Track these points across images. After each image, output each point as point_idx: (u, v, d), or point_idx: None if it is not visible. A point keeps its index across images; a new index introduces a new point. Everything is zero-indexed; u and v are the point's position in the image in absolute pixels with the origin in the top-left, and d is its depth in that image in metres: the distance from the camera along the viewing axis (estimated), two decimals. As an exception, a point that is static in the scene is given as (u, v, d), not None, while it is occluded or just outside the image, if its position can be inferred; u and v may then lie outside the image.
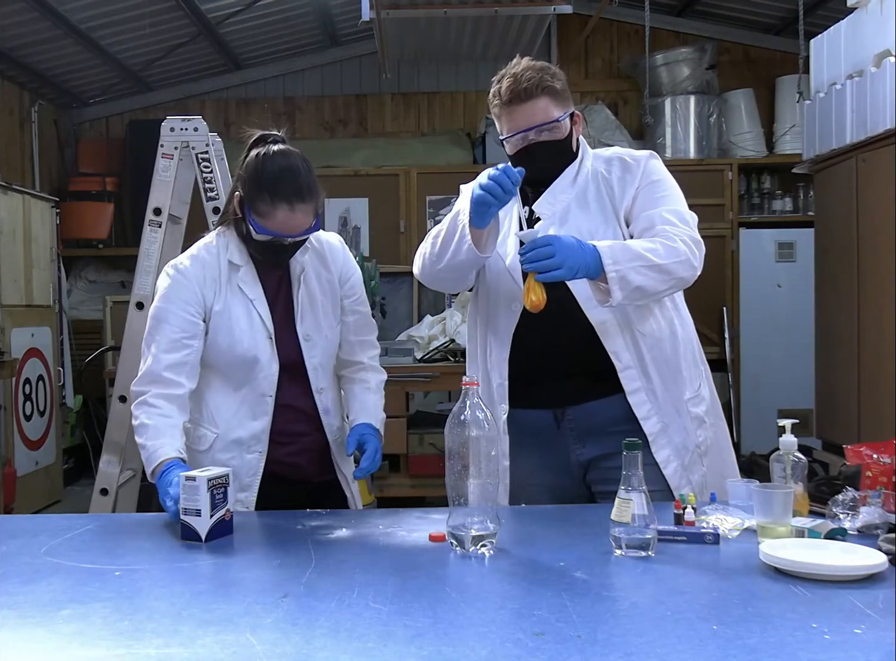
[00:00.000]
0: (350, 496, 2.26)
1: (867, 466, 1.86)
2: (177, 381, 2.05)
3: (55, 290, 6.09)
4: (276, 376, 2.11)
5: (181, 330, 2.07)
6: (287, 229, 2.01)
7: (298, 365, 2.14)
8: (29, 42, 6.21)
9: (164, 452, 1.97)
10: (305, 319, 2.14)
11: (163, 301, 2.09)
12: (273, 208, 1.99)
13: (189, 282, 2.09)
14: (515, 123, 2.12)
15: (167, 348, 2.06)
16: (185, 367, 2.07)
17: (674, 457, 2.13)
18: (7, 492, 5.11)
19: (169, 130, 3.48)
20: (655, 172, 2.18)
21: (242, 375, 2.11)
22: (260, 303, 2.11)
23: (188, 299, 2.08)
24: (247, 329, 2.09)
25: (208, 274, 2.10)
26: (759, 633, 1.23)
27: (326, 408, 2.19)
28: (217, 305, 2.09)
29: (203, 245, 2.17)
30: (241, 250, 2.13)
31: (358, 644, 1.22)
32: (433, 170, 6.83)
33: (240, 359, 2.09)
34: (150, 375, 2.06)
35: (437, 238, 2.16)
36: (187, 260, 2.14)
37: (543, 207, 2.17)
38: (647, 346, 2.12)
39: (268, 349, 2.10)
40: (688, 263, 2.03)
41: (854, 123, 3.97)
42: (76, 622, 1.33)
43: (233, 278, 2.11)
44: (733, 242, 6.68)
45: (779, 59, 7.40)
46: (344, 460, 2.24)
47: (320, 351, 2.16)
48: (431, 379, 5.10)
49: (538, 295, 1.95)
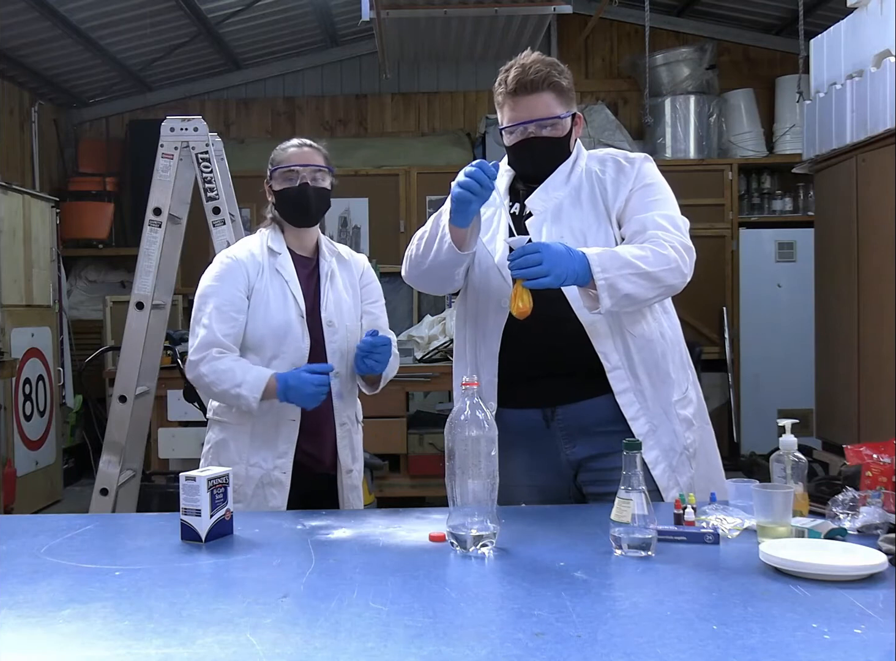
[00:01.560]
0: (340, 485, 2.40)
1: (867, 466, 1.86)
2: (230, 345, 2.31)
3: (55, 290, 6.09)
4: (307, 350, 2.33)
5: (230, 303, 2.33)
6: (299, 160, 2.38)
7: (321, 347, 2.36)
8: (29, 42, 6.21)
9: (265, 371, 2.26)
10: (329, 307, 2.39)
11: (214, 280, 2.36)
12: (286, 151, 2.41)
13: (238, 264, 2.37)
14: (517, 114, 2.12)
15: (218, 318, 2.31)
16: (232, 337, 2.32)
17: (662, 458, 2.12)
18: (7, 492, 5.11)
19: (169, 129, 3.48)
20: (649, 175, 2.17)
21: (274, 348, 2.33)
22: (294, 285, 2.38)
23: (236, 278, 2.35)
24: (282, 306, 2.35)
25: (253, 258, 2.39)
26: (759, 633, 1.23)
27: (339, 393, 2.38)
28: (258, 283, 2.36)
29: (249, 238, 2.50)
30: (280, 241, 2.43)
31: (358, 644, 1.22)
32: (433, 170, 6.82)
33: (272, 332, 2.33)
34: (207, 342, 2.30)
35: (421, 240, 2.17)
36: (236, 248, 2.45)
37: (536, 203, 2.17)
38: (636, 347, 2.11)
39: (298, 325, 2.34)
40: (678, 271, 2.03)
41: (854, 123, 3.97)
42: (76, 622, 1.33)
43: (272, 262, 2.39)
44: (733, 242, 6.68)
45: (779, 59, 7.41)
46: (344, 448, 2.40)
47: (340, 337, 2.38)
48: (431, 379, 5.10)
49: (525, 302, 1.94)
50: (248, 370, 2.26)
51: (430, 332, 5.53)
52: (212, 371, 2.27)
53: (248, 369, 2.27)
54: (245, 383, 2.24)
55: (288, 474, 2.33)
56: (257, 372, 2.26)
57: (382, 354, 2.33)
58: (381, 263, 5.60)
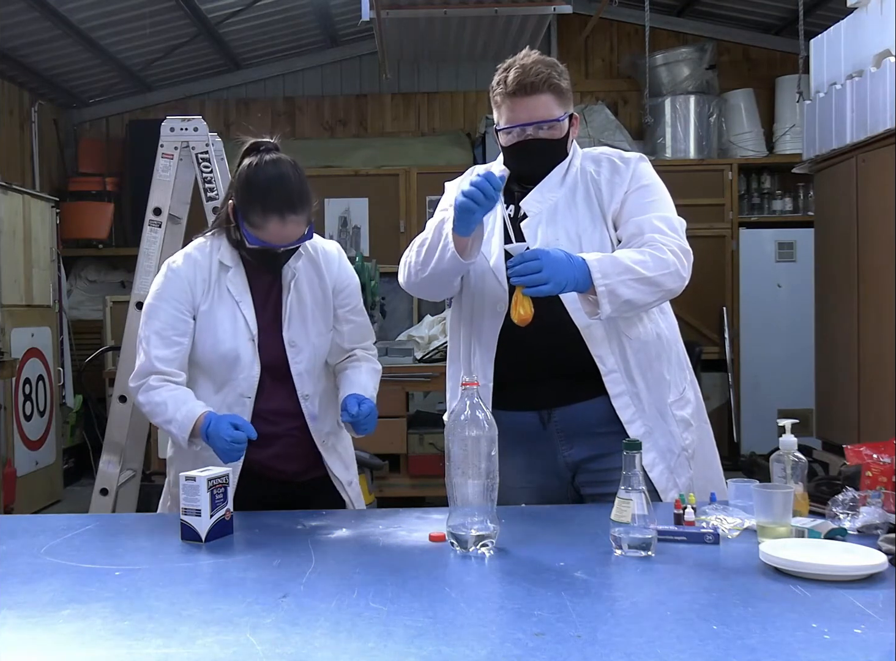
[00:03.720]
0: (347, 499, 2.24)
1: (867, 466, 1.86)
2: (172, 371, 2.11)
3: (55, 290, 6.09)
4: (256, 379, 2.12)
5: (171, 327, 2.11)
6: (279, 240, 2.04)
7: (283, 370, 2.15)
8: (29, 42, 6.21)
9: (196, 408, 2.04)
10: (293, 324, 2.15)
11: (155, 298, 2.14)
12: (264, 220, 2.01)
13: (180, 280, 2.13)
14: (515, 116, 2.10)
15: (158, 343, 2.10)
16: (175, 362, 2.11)
17: (659, 460, 2.12)
18: (7, 492, 5.11)
19: (169, 130, 3.48)
20: (645, 175, 2.16)
21: (224, 374, 2.13)
22: (246, 305, 2.13)
23: (178, 298, 2.12)
24: (230, 329, 2.12)
25: (199, 274, 2.14)
26: (759, 633, 1.23)
27: (313, 414, 2.18)
28: (204, 304, 2.13)
29: (197, 245, 2.20)
30: (233, 252, 2.15)
31: (358, 644, 1.22)
32: (433, 170, 6.81)
33: (221, 358, 2.12)
34: (145, 369, 2.11)
35: (422, 248, 2.14)
36: (181, 258, 2.17)
37: (531, 204, 2.16)
38: (632, 350, 2.11)
39: (249, 351, 2.12)
40: (676, 275, 2.03)
41: (854, 123, 3.97)
42: (76, 622, 1.33)
43: (222, 279, 2.14)
44: (733, 242, 6.68)
45: (779, 59, 7.41)
46: (335, 462, 2.22)
47: (306, 358, 2.16)
48: (431, 379, 5.10)
49: (526, 309, 1.93)
50: (179, 407, 2.04)
51: (430, 332, 5.53)
52: (147, 402, 2.10)
53: (180, 406, 2.04)
54: (174, 420, 2.04)
55: None
56: (187, 410, 2.03)
57: (369, 423, 2.08)
58: (381, 263, 5.59)
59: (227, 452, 1.96)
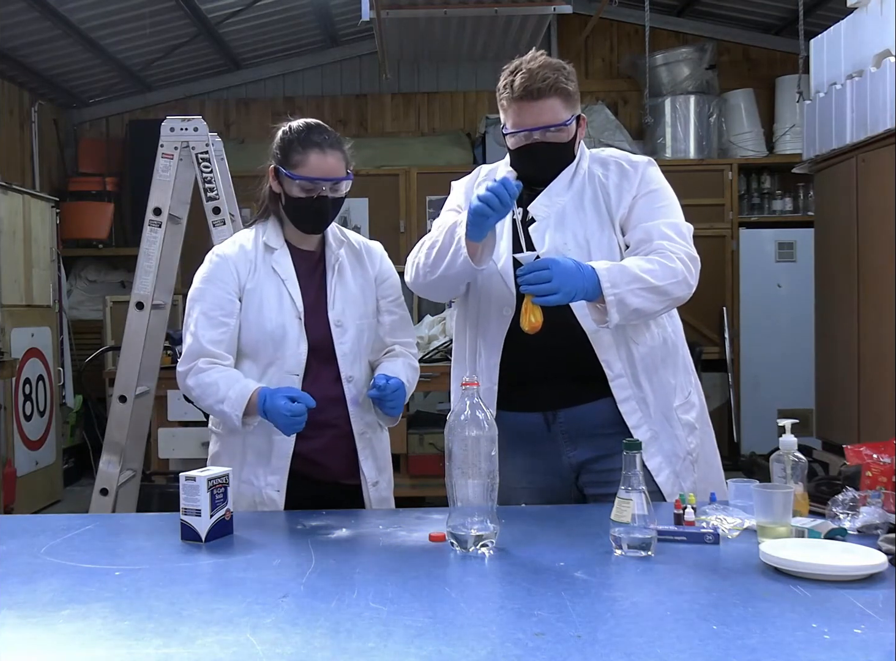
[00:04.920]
0: (367, 499, 2.23)
1: (867, 466, 1.86)
2: (221, 353, 2.13)
3: (55, 290, 6.09)
4: (304, 356, 2.14)
5: (218, 307, 2.13)
6: (321, 172, 2.10)
7: (328, 350, 2.16)
8: (29, 42, 6.21)
9: (249, 385, 2.06)
10: (337, 305, 2.18)
11: (201, 282, 2.17)
12: (305, 155, 2.11)
13: (225, 263, 2.17)
14: (522, 120, 2.09)
15: (205, 324, 2.13)
16: (223, 344, 2.13)
17: (665, 464, 2.12)
18: (7, 492, 5.11)
19: (169, 129, 3.48)
20: (653, 180, 2.15)
21: (270, 354, 2.14)
22: (291, 283, 2.16)
23: (224, 278, 2.15)
24: (276, 307, 2.14)
25: (245, 255, 2.18)
26: (759, 633, 1.23)
27: (355, 398, 2.18)
28: (250, 283, 2.16)
29: (243, 232, 2.27)
30: (278, 234, 2.21)
31: (358, 644, 1.22)
32: (433, 170, 6.82)
33: (268, 337, 2.13)
34: (193, 352, 2.13)
35: (432, 250, 2.12)
36: (226, 245, 2.24)
37: (539, 209, 2.15)
38: (639, 354, 2.11)
39: (296, 329, 2.14)
40: (684, 283, 2.03)
41: (854, 123, 3.97)
42: (76, 622, 1.33)
43: (267, 259, 2.18)
44: (733, 242, 6.68)
45: (779, 59, 7.41)
46: (367, 459, 2.22)
47: (351, 338, 2.18)
48: (431, 379, 5.08)
49: (537, 317, 1.94)
50: (231, 385, 2.06)
51: (430, 332, 5.53)
52: (197, 385, 2.11)
53: (233, 384, 2.06)
54: (227, 399, 2.05)
55: (282, 492, 2.14)
56: (241, 387, 2.06)
57: (396, 399, 2.10)
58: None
59: (288, 425, 1.99)
